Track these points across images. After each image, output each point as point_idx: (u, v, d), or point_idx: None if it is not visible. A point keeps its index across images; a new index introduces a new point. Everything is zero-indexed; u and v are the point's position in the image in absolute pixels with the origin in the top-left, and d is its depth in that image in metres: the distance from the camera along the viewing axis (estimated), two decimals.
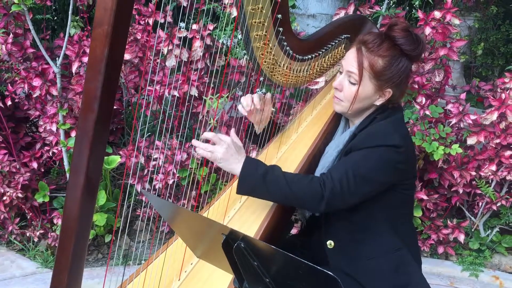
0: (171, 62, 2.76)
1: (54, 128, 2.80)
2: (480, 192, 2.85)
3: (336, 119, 1.80)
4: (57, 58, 2.74)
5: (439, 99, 2.90)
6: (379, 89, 1.52)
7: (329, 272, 0.87)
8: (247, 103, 1.72)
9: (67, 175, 2.97)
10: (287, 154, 1.80)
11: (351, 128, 1.61)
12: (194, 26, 2.76)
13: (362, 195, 1.45)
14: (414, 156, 1.59)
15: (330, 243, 1.58)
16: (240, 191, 1.46)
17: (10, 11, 2.66)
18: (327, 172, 1.47)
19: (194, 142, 1.47)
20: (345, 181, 1.40)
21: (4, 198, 2.83)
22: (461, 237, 2.90)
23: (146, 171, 2.88)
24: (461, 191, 2.84)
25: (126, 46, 2.64)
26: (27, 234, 2.95)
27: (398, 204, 1.57)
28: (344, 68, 1.54)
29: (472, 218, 3.04)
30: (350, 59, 1.52)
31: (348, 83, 1.54)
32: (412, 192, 1.62)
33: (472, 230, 3.05)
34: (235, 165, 1.45)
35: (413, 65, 1.58)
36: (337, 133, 1.71)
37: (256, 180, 1.43)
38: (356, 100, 1.52)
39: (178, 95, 2.79)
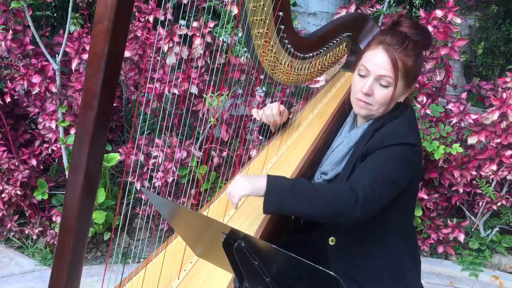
0: (171, 60, 2.75)
1: (53, 125, 2.79)
2: (480, 191, 2.85)
3: (339, 116, 1.79)
4: (56, 55, 2.73)
5: (440, 98, 2.89)
6: (407, 87, 1.54)
7: (331, 273, 0.86)
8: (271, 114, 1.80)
9: (66, 172, 2.96)
10: (288, 152, 1.79)
11: (364, 125, 1.60)
12: (195, 24, 2.75)
13: (390, 196, 1.43)
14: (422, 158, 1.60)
15: (332, 239, 1.58)
16: (268, 206, 1.37)
17: (10, 8, 2.65)
18: (350, 180, 1.43)
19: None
20: (374, 184, 1.37)
21: (3, 195, 2.81)
22: (461, 237, 2.89)
23: (145, 169, 2.87)
24: (461, 190, 2.83)
25: (126, 43, 2.62)
26: (26, 232, 2.94)
27: (403, 206, 1.57)
28: (373, 72, 1.50)
29: (472, 217, 3.03)
30: (379, 63, 1.49)
31: (379, 86, 1.51)
32: (416, 194, 1.63)
33: (472, 229, 3.04)
34: (259, 182, 1.38)
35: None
36: (344, 130, 1.69)
37: (284, 191, 1.36)
38: (391, 102, 1.52)
39: (178, 93, 2.78)
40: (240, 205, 1.64)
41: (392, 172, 1.41)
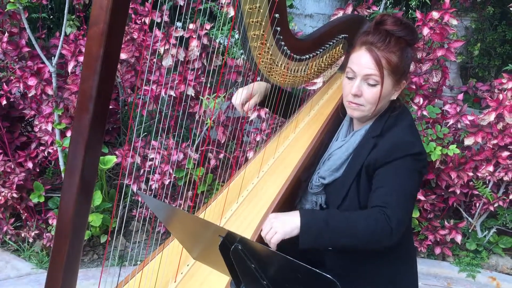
0: (167, 62, 2.74)
1: (49, 128, 2.79)
2: (477, 193, 2.85)
3: (335, 118, 1.79)
4: (52, 57, 2.73)
5: (436, 100, 2.89)
6: (396, 84, 1.54)
7: (328, 276, 0.86)
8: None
9: (63, 175, 2.95)
10: (285, 154, 1.79)
11: (360, 131, 1.59)
12: (191, 26, 2.75)
13: (412, 210, 1.52)
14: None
15: None
16: (304, 244, 1.40)
17: (6, 10, 2.64)
18: (378, 200, 1.44)
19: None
20: (402, 205, 1.42)
21: None
22: (458, 238, 2.90)
23: (142, 171, 2.86)
24: (458, 191, 2.83)
25: (123, 46, 2.62)
26: (22, 235, 2.92)
27: None
28: (359, 73, 1.51)
29: (469, 219, 3.04)
30: (364, 63, 1.49)
31: (367, 86, 1.51)
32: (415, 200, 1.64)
33: (469, 231, 3.04)
34: (292, 223, 1.41)
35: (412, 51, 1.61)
36: (340, 134, 1.68)
37: (319, 227, 1.39)
38: (380, 100, 1.52)
39: (174, 95, 2.77)
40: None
41: (411, 187, 1.46)
